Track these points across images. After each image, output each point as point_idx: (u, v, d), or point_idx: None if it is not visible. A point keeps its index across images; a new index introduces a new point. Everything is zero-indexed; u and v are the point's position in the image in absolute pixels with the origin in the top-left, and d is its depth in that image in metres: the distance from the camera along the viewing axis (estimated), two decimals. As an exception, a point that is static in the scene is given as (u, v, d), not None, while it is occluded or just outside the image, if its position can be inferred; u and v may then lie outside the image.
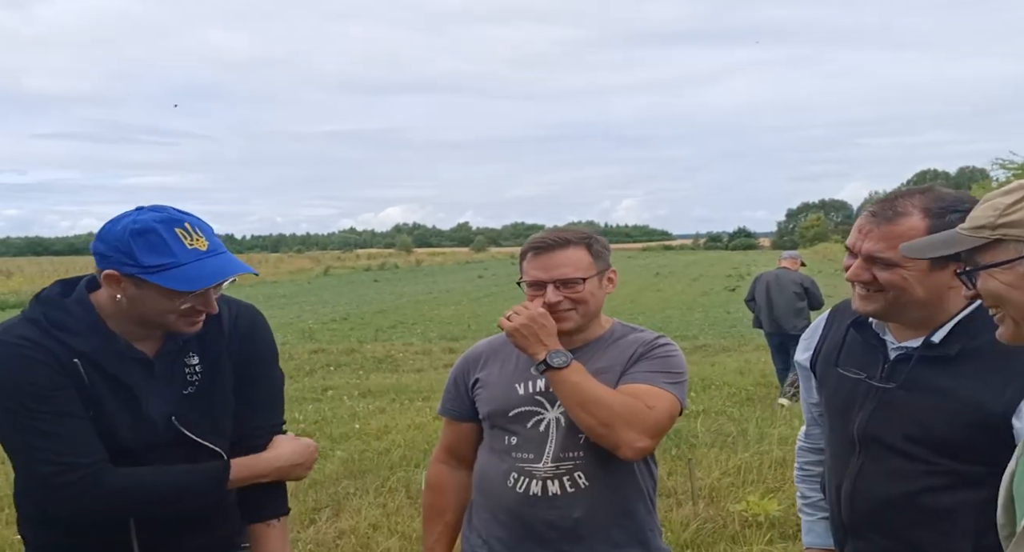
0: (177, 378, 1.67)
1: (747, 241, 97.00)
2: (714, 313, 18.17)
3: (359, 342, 13.89)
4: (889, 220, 1.55)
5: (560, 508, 1.83)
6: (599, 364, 1.88)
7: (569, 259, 1.85)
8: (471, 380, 2.00)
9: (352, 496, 5.04)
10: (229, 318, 1.75)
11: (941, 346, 1.55)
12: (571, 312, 1.86)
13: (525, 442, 1.87)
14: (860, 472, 1.64)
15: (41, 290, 1.69)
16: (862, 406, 1.64)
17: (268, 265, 52.39)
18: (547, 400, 1.87)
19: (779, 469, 5.19)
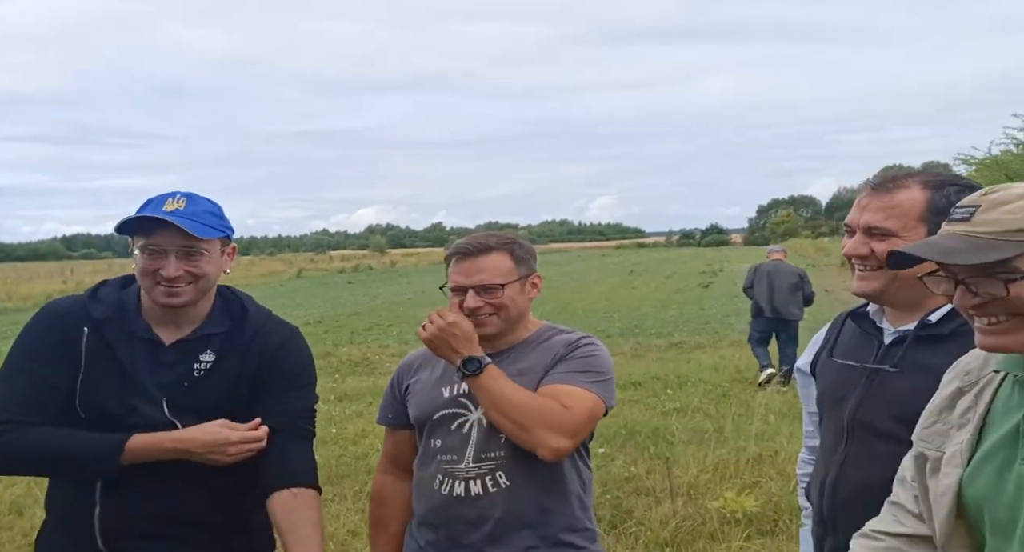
0: (184, 368, 1.76)
1: (719, 238, 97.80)
2: (688, 310, 18.28)
3: (334, 345, 13.80)
4: (888, 191, 1.56)
5: (481, 508, 1.85)
6: (521, 365, 1.91)
7: (490, 265, 1.88)
8: (403, 386, 2.03)
9: (330, 502, 4.99)
10: (256, 329, 1.82)
11: (936, 326, 1.55)
12: (492, 317, 1.88)
13: (449, 444, 1.89)
14: (845, 460, 1.63)
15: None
16: (853, 393, 1.63)
17: (240, 268, 51.86)
18: (471, 402, 1.89)
19: (756, 465, 5.24)
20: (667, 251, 76.14)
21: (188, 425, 1.72)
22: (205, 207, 1.77)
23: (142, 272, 1.73)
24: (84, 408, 1.71)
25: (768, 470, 5.11)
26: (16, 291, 28.47)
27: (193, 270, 1.72)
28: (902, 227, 1.53)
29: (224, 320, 1.83)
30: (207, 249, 1.74)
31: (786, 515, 4.33)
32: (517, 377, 1.86)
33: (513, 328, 1.94)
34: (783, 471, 5.04)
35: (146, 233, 1.71)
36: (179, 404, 1.73)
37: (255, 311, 1.87)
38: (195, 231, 1.69)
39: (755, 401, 7.67)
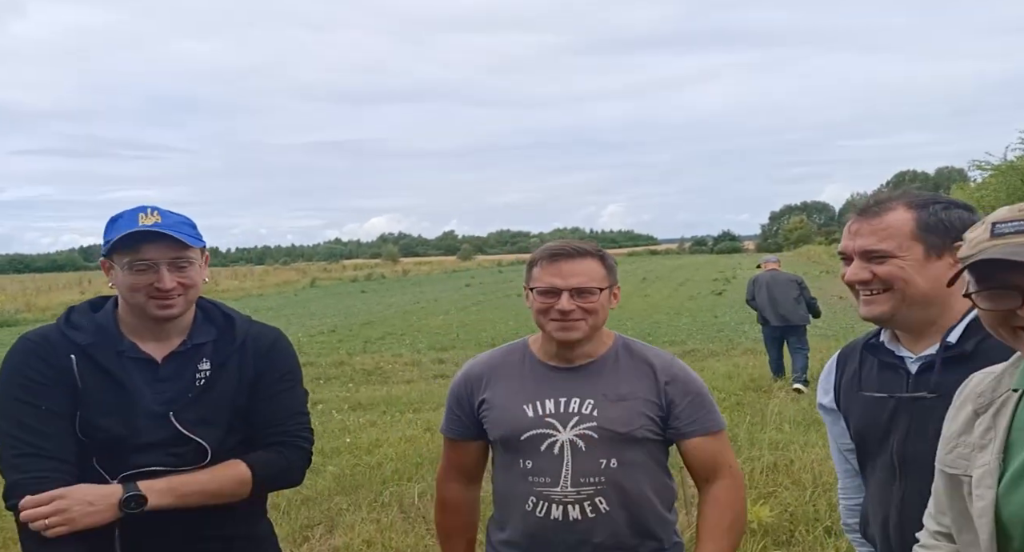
0: (185, 380, 1.77)
1: (732, 244, 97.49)
2: (702, 317, 18.22)
3: (348, 354, 13.82)
4: (876, 214, 1.59)
5: (581, 532, 1.83)
6: (621, 390, 1.87)
7: (586, 269, 1.86)
8: (476, 401, 1.97)
9: (345, 512, 5.01)
10: (245, 333, 1.85)
11: (958, 345, 1.54)
12: (581, 322, 1.85)
13: (541, 466, 1.85)
14: (904, 499, 1.57)
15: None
16: (896, 425, 1.59)
17: (254, 278, 52.13)
18: (558, 422, 1.86)
19: (770, 475, 5.21)
20: (680, 258, 75.89)
21: (195, 430, 1.73)
22: (179, 219, 1.78)
23: (132, 288, 1.72)
24: (85, 433, 1.71)
25: (783, 479, 5.07)
26: (35, 302, 28.73)
27: (184, 281, 1.74)
28: (898, 247, 1.54)
29: (209, 328, 1.85)
30: (193, 258, 1.76)
31: (802, 525, 4.30)
32: (618, 402, 1.85)
33: (592, 339, 1.91)
34: (798, 481, 5.01)
35: (130, 249, 1.71)
36: (187, 417, 1.74)
37: (238, 316, 1.90)
38: (184, 239, 1.72)
39: (769, 410, 7.63)
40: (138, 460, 1.71)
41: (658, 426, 1.89)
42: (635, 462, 1.86)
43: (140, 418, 1.72)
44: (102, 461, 1.70)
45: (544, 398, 1.88)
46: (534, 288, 1.89)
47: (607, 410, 1.85)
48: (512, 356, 2.00)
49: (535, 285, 1.89)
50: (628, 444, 1.85)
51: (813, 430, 6.58)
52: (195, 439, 1.74)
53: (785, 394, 8.47)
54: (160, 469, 1.71)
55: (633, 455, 1.85)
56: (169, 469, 1.72)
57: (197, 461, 1.74)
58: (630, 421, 1.85)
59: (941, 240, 1.55)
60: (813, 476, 4.98)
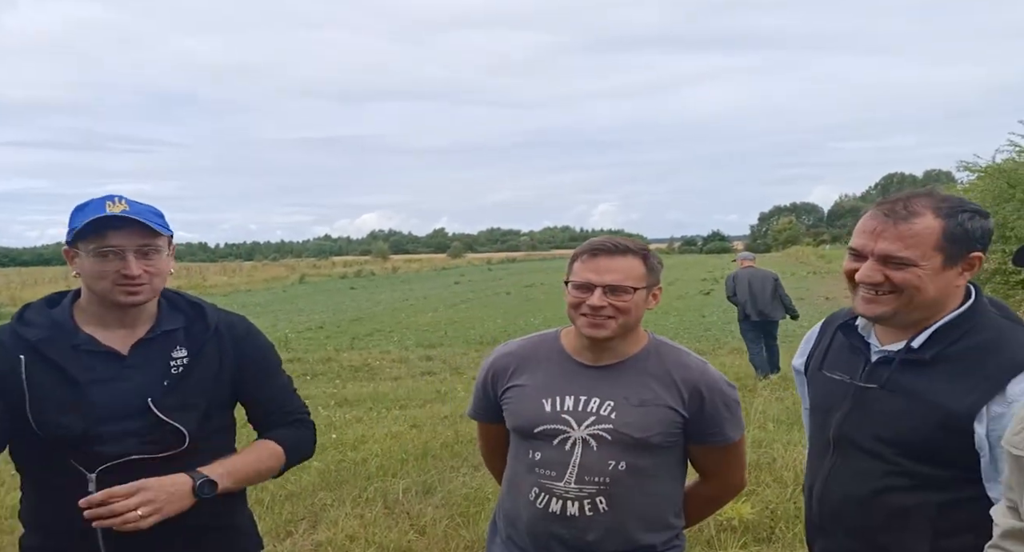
0: (157, 367, 1.76)
1: (721, 244, 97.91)
2: (689, 317, 18.30)
3: (335, 351, 13.81)
4: (905, 219, 1.55)
5: (575, 528, 1.85)
6: (644, 395, 1.87)
7: (624, 267, 1.83)
8: (500, 389, 1.99)
9: (329, 507, 5.01)
10: (218, 320, 1.86)
11: (918, 351, 1.59)
12: (611, 320, 1.82)
13: (549, 459, 1.87)
14: (831, 471, 1.69)
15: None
16: (840, 406, 1.68)
17: (242, 273, 51.97)
18: (574, 419, 1.86)
19: (753, 472, 5.23)
20: (669, 258, 76.06)
21: (174, 415, 1.73)
22: (146, 208, 1.77)
23: (98, 276, 1.72)
24: (44, 431, 1.69)
25: (765, 477, 5.11)
26: (21, 296, 28.51)
27: (150, 269, 1.73)
28: (920, 256, 1.54)
29: (176, 315, 1.85)
30: (160, 246, 1.76)
31: (783, 522, 4.34)
32: (639, 407, 1.84)
33: (625, 338, 1.89)
34: (780, 478, 5.05)
35: (97, 236, 1.70)
36: (165, 403, 1.73)
37: (206, 304, 1.90)
38: (152, 226, 1.71)
39: (753, 408, 7.67)
40: (112, 451, 1.70)
41: (678, 433, 1.89)
42: (645, 468, 1.86)
43: (101, 410, 1.70)
44: (76, 456, 1.69)
45: (565, 394, 1.88)
46: (570, 282, 1.88)
47: (625, 414, 1.84)
48: (542, 348, 1.99)
49: (572, 279, 1.87)
50: (641, 449, 1.84)
51: (796, 429, 6.63)
52: (172, 424, 1.73)
53: (769, 393, 8.53)
54: (138, 458, 1.70)
55: (644, 461, 1.85)
56: (147, 458, 1.71)
57: (174, 447, 1.74)
58: (647, 427, 1.84)
59: (960, 250, 1.56)
60: (795, 474, 5.02)
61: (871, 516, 1.62)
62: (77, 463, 1.69)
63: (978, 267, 1.58)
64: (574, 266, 1.89)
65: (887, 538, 1.60)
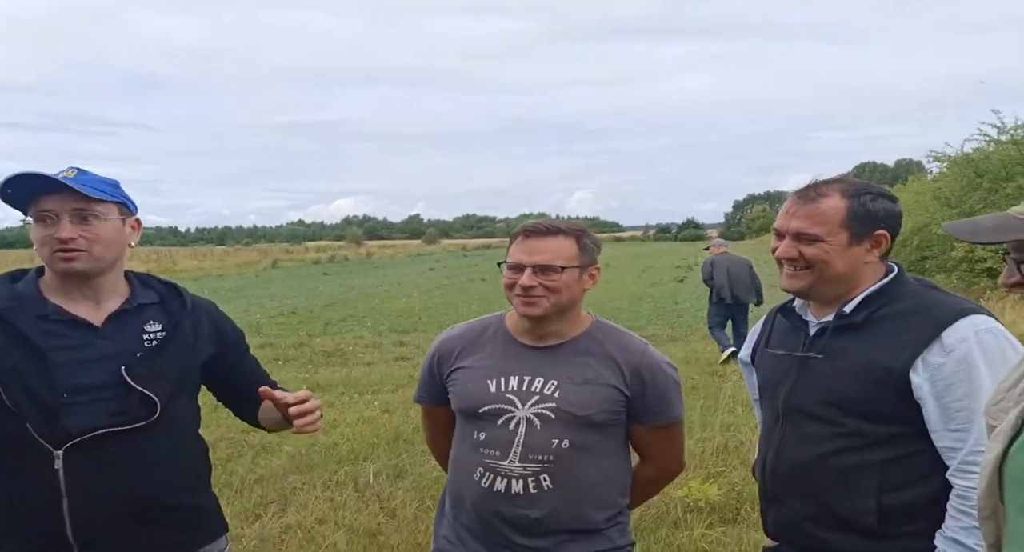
0: (129, 339, 1.75)
1: (695, 232, 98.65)
2: (663, 304, 18.42)
3: (308, 336, 13.71)
4: (812, 200, 1.75)
5: (519, 506, 1.87)
6: (588, 374, 1.89)
7: (554, 247, 1.87)
8: (446, 372, 2.01)
9: (299, 491, 5.00)
10: (192, 300, 1.88)
11: (850, 315, 1.72)
12: (543, 299, 1.86)
13: (493, 439, 1.89)
14: (781, 441, 1.79)
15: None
16: (786, 379, 1.79)
17: (214, 258, 51.36)
18: (518, 399, 1.89)
19: (721, 455, 5.32)
20: (644, 245, 76.52)
21: (146, 384, 1.71)
22: (98, 177, 1.75)
23: (40, 243, 1.70)
24: (13, 403, 1.65)
25: (733, 460, 5.19)
26: (-16, 279, 27.97)
27: (87, 234, 1.69)
28: (827, 233, 1.71)
29: (149, 292, 1.84)
30: (102, 212, 1.71)
31: (748, 503, 4.41)
32: (582, 385, 1.88)
33: (563, 318, 1.92)
34: (747, 461, 5.12)
35: (34, 202, 1.69)
36: (138, 373, 1.72)
37: (179, 285, 1.91)
38: (83, 190, 1.67)
39: (722, 393, 7.77)
40: (80, 423, 1.66)
41: (620, 412, 1.92)
42: (588, 446, 1.88)
43: (69, 379, 1.67)
44: (42, 432, 1.65)
45: (509, 375, 1.91)
46: (504, 263, 1.93)
47: (568, 392, 1.88)
48: (487, 330, 2.02)
49: (507, 260, 1.92)
50: (584, 427, 1.87)
51: (764, 413, 6.74)
52: (145, 392, 1.71)
53: (738, 378, 8.63)
54: (108, 431, 1.68)
55: (588, 439, 1.88)
56: (115, 431, 1.69)
57: (145, 418, 1.72)
58: (590, 405, 1.87)
59: (864, 228, 1.72)
60: (762, 457, 5.11)
61: (819, 479, 1.71)
62: (43, 439, 1.64)
63: (885, 245, 1.74)
64: (510, 248, 1.93)
65: (836, 498, 1.69)
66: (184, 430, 1.84)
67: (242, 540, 4.17)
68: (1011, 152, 17.93)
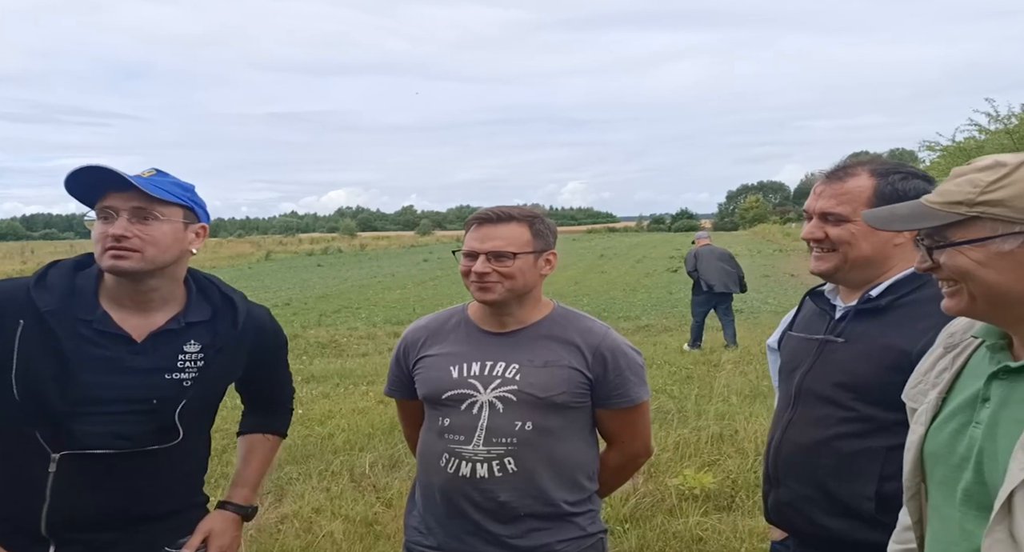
0: (165, 358, 1.67)
1: (689, 222, 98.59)
2: (657, 294, 18.45)
3: (302, 327, 13.71)
4: (840, 179, 1.72)
5: (486, 490, 1.87)
6: (548, 357, 1.90)
7: (506, 234, 1.88)
8: (412, 361, 2.03)
9: (295, 481, 5.01)
10: (246, 316, 1.80)
11: (875, 299, 1.68)
12: (497, 284, 1.88)
13: (457, 424, 1.90)
14: (790, 423, 1.77)
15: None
16: (804, 362, 1.77)
17: (207, 250, 51.13)
18: (480, 383, 1.90)
19: (716, 444, 5.35)
20: (638, 236, 76.51)
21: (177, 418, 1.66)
22: (172, 180, 1.69)
23: (96, 239, 1.63)
24: (23, 399, 1.59)
25: (727, 448, 5.21)
26: (-25, 272, 27.87)
27: (142, 234, 1.61)
28: (852, 212, 1.66)
29: (203, 307, 1.74)
30: (162, 214, 1.64)
31: (743, 491, 4.44)
32: (543, 368, 1.89)
33: (522, 304, 1.94)
34: (742, 449, 5.16)
35: (100, 199, 1.62)
36: (162, 397, 1.65)
37: (238, 297, 1.81)
38: (147, 188, 1.60)
39: (717, 382, 7.81)
40: (88, 436, 1.61)
41: (584, 394, 1.92)
42: (551, 428, 1.89)
43: (90, 392, 1.61)
44: (45, 433, 1.60)
45: (471, 360, 1.92)
46: (458, 251, 1.95)
47: (529, 375, 1.89)
48: (450, 320, 2.04)
49: (463, 248, 1.93)
50: (547, 409, 1.88)
51: (759, 402, 6.76)
52: (169, 420, 1.66)
53: (733, 367, 8.67)
54: (105, 453, 1.61)
55: (551, 420, 1.89)
56: (115, 452, 1.62)
57: (159, 443, 1.66)
58: (551, 386, 1.88)
59: None
60: (756, 445, 5.13)
61: (821, 462, 1.69)
62: (44, 440, 1.60)
63: None
64: (465, 236, 1.95)
65: (836, 483, 1.67)
66: (194, 449, 1.80)
67: (238, 530, 4.18)
68: (1004, 141, 17.99)
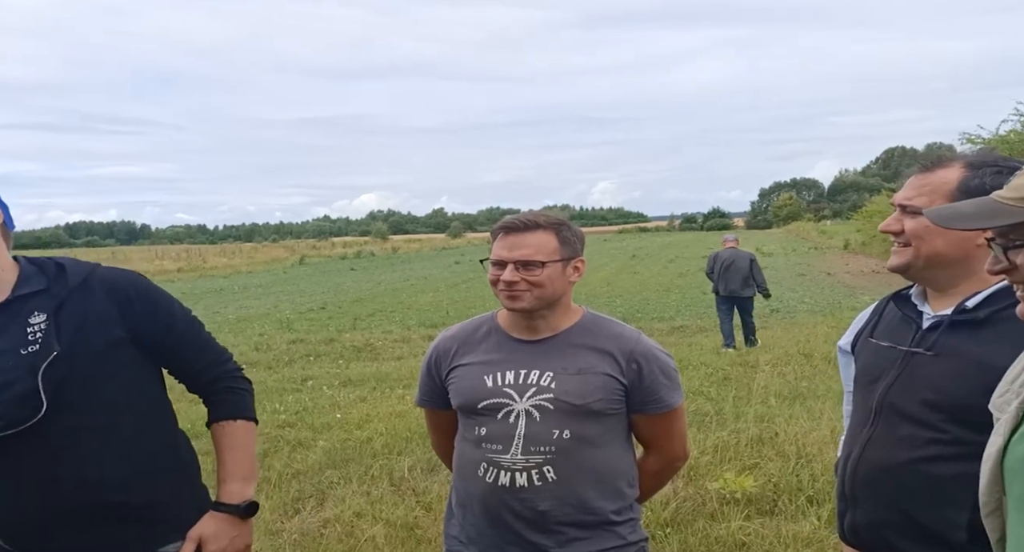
0: (14, 336, 1.61)
1: (722, 221, 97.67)
2: (691, 294, 18.32)
3: (337, 331, 13.84)
4: (928, 169, 1.58)
5: (525, 499, 1.87)
6: (581, 364, 1.89)
7: (534, 242, 1.88)
8: (444, 371, 2.03)
9: (336, 485, 5.06)
10: (84, 274, 1.69)
11: (972, 311, 1.52)
12: (526, 293, 1.87)
13: (494, 433, 1.89)
14: (870, 440, 1.62)
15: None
16: (887, 374, 1.62)
17: (242, 255, 51.93)
18: (516, 392, 1.90)
19: (755, 447, 5.28)
20: (669, 235, 76.01)
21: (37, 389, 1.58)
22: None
23: None
24: None
25: (768, 451, 5.15)
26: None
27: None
28: (928, 203, 1.51)
29: (40, 279, 1.68)
30: None
31: (785, 495, 4.38)
32: (577, 375, 1.88)
33: (552, 311, 1.93)
34: (783, 452, 5.09)
35: None
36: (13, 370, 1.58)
37: (72, 261, 1.74)
38: None
39: (755, 384, 7.72)
40: None
41: (619, 401, 1.91)
42: (589, 436, 1.88)
43: None
44: None
45: (505, 369, 1.92)
46: (486, 260, 1.95)
47: (564, 382, 1.88)
48: (480, 329, 2.04)
49: (491, 257, 1.93)
50: (584, 417, 1.87)
51: (798, 403, 6.67)
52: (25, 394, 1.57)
53: (771, 368, 8.57)
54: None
55: (588, 429, 1.88)
56: (5, 435, 1.57)
57: (29, 419, 1.58)
58: (587, 393, 1.87)
59: None
60: (797, 448, 5.06)
61: (909, 485, 1.54)
62: None
63: None
64: (493, 245, 1.94)
65: (922, 509, 1.53)
66: (101, 422, 1.65)
67: (282, 534, 4.24)
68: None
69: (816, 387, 7.48)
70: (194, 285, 28.04)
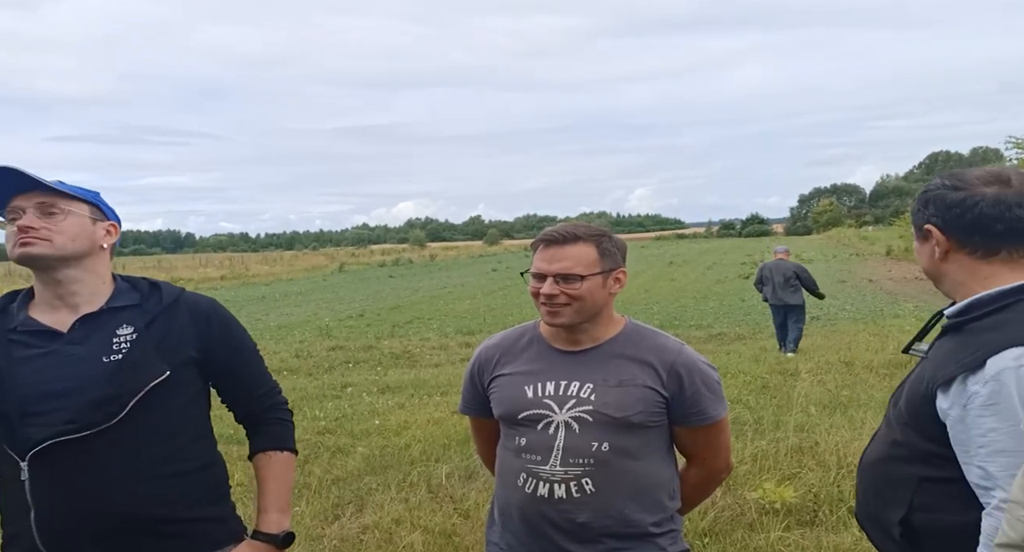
0: (99, 344, 1.67)
1: (760, 228, 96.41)
2: (729, 301, 18.14)
3: (376, 338, 13.97)
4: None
5: (564, 510, 1.87)
6: (623, 376, 1.89)
7: (574, 254, 1.86)
8: (487, 380, 2.04)
9: (374, 491, 5.12)
10: (175, 296, 1.78)
11: (953, 317, 1.57)
12: (566, 307, 1.86)
13: (533, 444, 1.90)
14: (874, 436, 1.73)
15: None
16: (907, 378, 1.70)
17: (283, 263, 52.70)
18: (556, 403, 1.90)
19: (795, 456, 5.22)
20: (707, 242, 75.30)
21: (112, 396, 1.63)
22: (77, 188, 1.74)
23: (7, 238, 1.69)
24: None
25: (808, 461, 5.08)
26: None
27: (49, 225, 1.66)
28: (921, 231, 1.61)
29: (132, 294, 1.77)
30: (67, 208, 1.69)
31: (826, 506, 4.33)
32: (617, 387, 1.87)
33: (594, 322, 1.92)
34: (823, 462, 5.02)
35: (6, 203, 1.69)
36: (97, 378, 1.63)
37: (166, 283, 1.83)
38: (49, 183, 1.66)
39: (795, 393, 7.62)
40: (41, 433, 1.61)
41: (660, 413, 1.90)
42: (629, 448, 1.87)
43: (28, 390, 1.63)
44: (9, 443, 1.63)
45: (546, 380, 1.92)
46: (527, 272, 1.96)
47: (605, 395, 1.87)
48: (522, 338, 2.04)
49: (531, 269, 1.94)
50: (623, 429, 1.86)
51: (839, 413, 6.57)
52: (105, 399, 1.63)
53: (812, 377, 8.45)
54: (64, 440, 1.62)
55: (628, 441, 1.87)
56: (74, 438, 1.62)
57: (100, 424, 1.63)
58: (627, 406, 1.86)
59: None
60: (838, 458, 4.99)
61: (873, 483, 1.67)
62: (9, 449, 1.63)
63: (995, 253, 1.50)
64: (533, 257, 1.93)
65: (875, 505, 1.64)
66: (161, 436, 1.70)
67: (322, 540, 4.30)
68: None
69: (858, 396, 7.36)
70: (237, 293, 28.52)
